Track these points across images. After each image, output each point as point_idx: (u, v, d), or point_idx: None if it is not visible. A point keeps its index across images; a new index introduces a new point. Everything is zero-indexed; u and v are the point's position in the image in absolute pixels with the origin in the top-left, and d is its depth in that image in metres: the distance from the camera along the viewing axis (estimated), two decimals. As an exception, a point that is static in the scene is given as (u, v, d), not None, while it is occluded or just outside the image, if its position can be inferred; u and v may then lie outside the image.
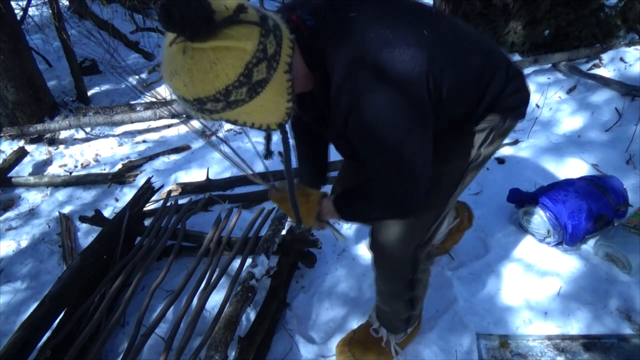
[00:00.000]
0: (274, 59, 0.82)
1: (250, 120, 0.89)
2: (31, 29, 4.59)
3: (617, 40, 3.37)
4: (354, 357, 1.47)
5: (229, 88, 0.79)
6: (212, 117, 0.86)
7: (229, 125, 3.35)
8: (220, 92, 0.79)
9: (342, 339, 1.54)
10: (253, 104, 0.84)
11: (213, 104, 0.82)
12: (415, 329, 1.54)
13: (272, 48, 0.81)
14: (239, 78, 0.79)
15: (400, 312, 1.38)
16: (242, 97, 0.82)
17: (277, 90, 0.86)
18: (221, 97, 0.80)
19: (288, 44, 0.85)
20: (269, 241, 1.71)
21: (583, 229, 1.73)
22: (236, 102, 0.82)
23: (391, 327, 1.45)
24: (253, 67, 0.79)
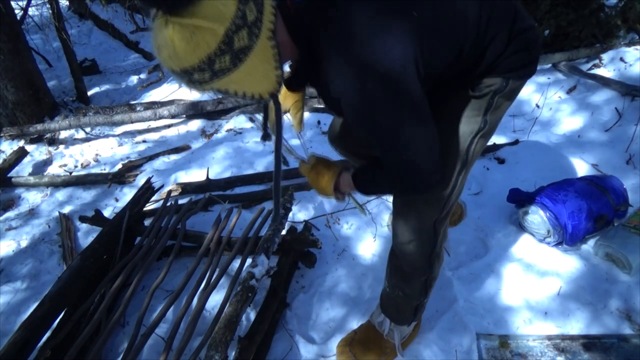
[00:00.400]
0: (255, 25, 0.82)
1: (240, 89, 0.89)
2: (31, 29, 4.60)
3: (617, 40, 3.37)
4: (355, 357, 1.47)
5: (212, 57, 0.80)
6: (204, 87, 0.87)
7: (229, 125, 3.35)
8: (204, 61, 0.80)
9: (343, 339, 1.54)
10: (239, 72, 0.84)
11: (199, 74, 0.83)
12: (415, 330, 1.54)
13: (253, 15, 0.81)
14: (219, 46, 0.79)
15: (415, 295, 1.35)
16: (226, 65, 0.82)
17: (262, 57, 0.86)
18: (205, 66, 0.81)
19: (270, 11, 0.85)
20: (269, 241, 1.71)
21: (583, 229, 1.73)
22: (221, 70, 0.83)
23: (399, 317, 1.43)
24: (233, 34, 0.79)
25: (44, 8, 4.60)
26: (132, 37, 5.63)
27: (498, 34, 1.02)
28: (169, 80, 4.53)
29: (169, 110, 3.42)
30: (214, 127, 3.47)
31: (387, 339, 1.49)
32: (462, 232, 1.92)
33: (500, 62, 1.05)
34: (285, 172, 2.57)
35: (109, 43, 5.83)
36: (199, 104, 3.45)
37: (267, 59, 0.87)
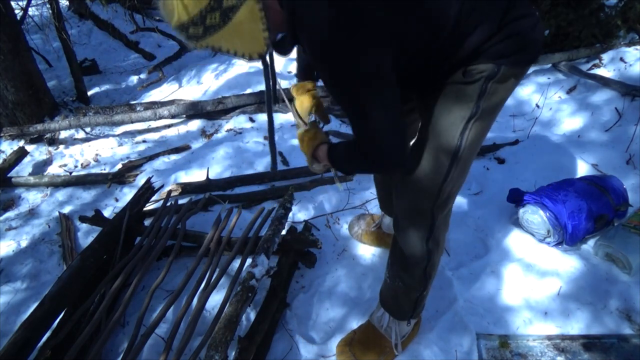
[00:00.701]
0: None
1: (232, 47, 0.99)
2: (31, 29, 4.60)
3: (617, 40, 3.37)
4: (355, 357, 1.48)
5: (203, 12, 0.90)
6: (200, 43, 0.97)
7: (229, 125, 3.35)
8: (197, 15, 0.90)
9: (343, 339, 1.55)
10: (228, 29, 0.94)
11: (194, 29, 0.93)
12: (415, 329, 1.54)
13: None
14: (210, 3, 0.89)
15: (414, 286, 1.37)
16: (216, 21, 0.92)
17: (249, 17, 0.94)
18: (198, 21, 0.91)
19: None
20: (269, 241, 1.71)
21: (583, 229, 1.73)
22: (212, 27, 0.93)
23: (397, 311, 1.44)
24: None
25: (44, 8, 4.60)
26: (132, 37, 5.63)
27: (483, 20, 1.04)
28: (169, 80, 4.53)
29: (169, 110, 3.42)
30: (214, 127, 3.47)
31: (385, 335, 1.49)
32: (462, 232, 1.92)
33: (489, 47, 1.06)
34: (285, 172, 2.57)
35: (109, 43, 5.83)
36: (199, 104, 3.45)
37: (255, 20, 0.95)
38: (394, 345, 1.49)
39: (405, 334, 1.50)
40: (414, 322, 1.51)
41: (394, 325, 1.48)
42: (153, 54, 5.45)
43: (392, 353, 1.49)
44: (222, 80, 4.08)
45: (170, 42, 5.29)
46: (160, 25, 5.68)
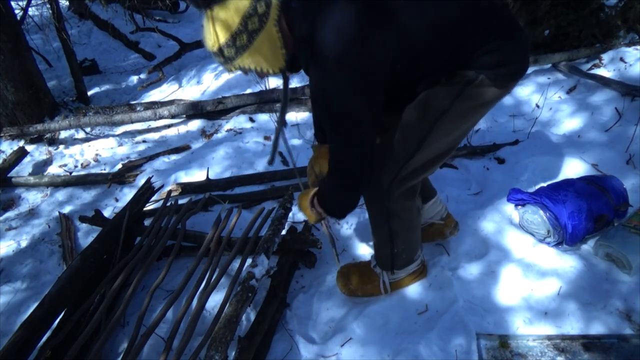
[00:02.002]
0: (264, 16, 1.19)
1: (258, 64, 1.24)
2: (31, 29, 4.59)
3: (617, 40, 3.37)
4: (349, 280, 1.72)
5: (234, 35, 1.18)
6: (233, 65, 1.24)
7: (229, 125, 3.36)
8: (229, 38, 1.18)
9: (345, 264, 1.80)
10: (254, 48, 1.20)
11: (228, 50, 1.20)
12: (408, 279, 1.69)
13: (262, 9, 1.18)
14: (238, 27, 1.17)
15: (382, 244, 1.58)
16: (244, 42, 1.19)
17: (269, 38, 1.21)
18: (230, 42, 1.19)
19: (275, 8, 1.21)
20: (269, 241, 1.71)
21: (583, 229, 1.73)
22: (242, 47, 1.20)
23: (380, 261, 1.66)
24: (247, 19, 1.17)
25: (44, 8, 4.59)
26: (132, 37, 5.62)
27: (470, 38, 1.22)
28: (169, 80, 4.53)
29: (169, 110, 3.42)
30: (214, 127, 3.47)
31: (375, 273, 1.70)
32: (462, 232, 1.92)
33: (472, 59, 1.22)
34: (285, 172, 2.57)
35: (109, 43, 5.83)
36: (199, 104, 3.45)
37: (273, 39, 1.22)
38: (381, 284, 1.68)
39: (394, 280, 1.68)
40: (406, 274, 1.67)
41: (383, 274, 1.68)
42: (153, 54, 5.45)
43: (379, 290, 1.70)
44: (222, 80, 4.08)
45: (170, 42, 5.29)
46: (160, 25, 5.68)
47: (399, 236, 1.54)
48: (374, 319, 1.63)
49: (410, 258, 1.64)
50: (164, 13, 6.53)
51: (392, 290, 1.71)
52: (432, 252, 1.90)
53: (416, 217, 1.56)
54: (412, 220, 1.55)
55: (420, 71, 1.27)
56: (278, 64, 1.26)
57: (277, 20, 1.20)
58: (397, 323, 1.62)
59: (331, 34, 1.14)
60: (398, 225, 1.51)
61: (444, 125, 1.30)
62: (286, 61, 1.26)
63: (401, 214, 1.49)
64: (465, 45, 1.22)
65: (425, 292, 1.69)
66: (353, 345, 1.56)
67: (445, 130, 1.32)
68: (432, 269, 1.76)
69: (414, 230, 1.58)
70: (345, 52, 1.14)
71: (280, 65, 1.26)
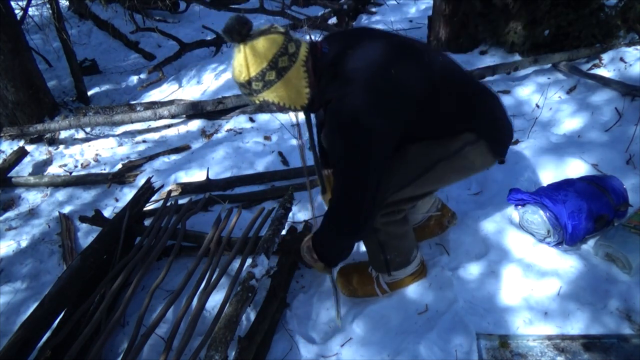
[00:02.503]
0: (294, 55, 1.28)
1: (282, 100, 1.31)
2: (31, 29, 4.59)
3: (617, 40, 3.37)
4: (348, 279, 1.73)
5: (264, 70, 1.25)
6: (258, 97, 1.31)
7: (229, 125, 3.36)
8: (259, 73, 1.26)
9: (348, 264, 1.79)
10: (281, 84, 1.28)
11: (256, 84, 1.27)
12: (408, 279, 1.69)
13: (292, 49, 1.28)
14: (269, 64, 1.25)
15: (374, 252, 1.60)
16: (272, 78, 1.26)
17: (296, 76, 1.29)
18: (260, 77, 1.26)
19: (305, 50, 1.31)
20: (269, 241, 1.71)
21: (583, 229, 1.73)
22: (269, 82, 1.27)
23: (374, 265, 1.67)
24: (278, 57, 1.25)
25: (44, 8, 4.60)
26: (132, 37, 5.62)
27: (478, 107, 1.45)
28: (169, 80, 4.53)
29: (169, 110, 3.42)
30: (214, 127, 3.47)
31: (372, 276, 1.71)
32: (462, 232, 1.92)
33: (477, 126, 1.43)
34: (285, 172, 2.57)
35: (109, 43, 5.83)
36: (199, 104, 3.45)
37: (300, 78, 1.30)
38: (376, 287, 1.69)
39: (393, 280, 1.68)
40: (405, 274, 1.67)
41: (380, 277, 1.69)
42: (153, 54, 5.45)
43: (374, 291, 1.70)
44: (222, 80, 4.08)
45: (170, 42, 5.29)
46: (160, 25, 5.68)
47: (388, 245, 1.56)
48: (374, 319, 1.63)
49: (406, 260, 1.64)
50: (164, 13, 6.52)
51: (392, 291, 1.71)
52: (432, 252, 1.90)
53: (403, 226, 1.56)
54: (399, 231, 1.55)
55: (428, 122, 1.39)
56: (301, 101, 1.34)
57: (305, 61, 1.29)
58: (397, 323, 1.62)
59: (361, 62, 1.27)
60: (386, 237, 1.53)
61: (437, 173, 1.43)
62: (309, 100, 1.34)
63: (386, 228, 1.51)
64: (474, 111, 1.42)
65: (425, 292, 1.69)
66: (353, 345, 1.56)
67: (436, 177, 1.45)
68: (432, 269, 1.76)
69: (404, 238, 1.59)
70: (375, 79, 1.25)
71: (303, 103, 1.34)
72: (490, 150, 1.46)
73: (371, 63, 1.27)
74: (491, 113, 1.47)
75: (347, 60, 1.28)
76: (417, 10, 5.39)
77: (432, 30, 4.08)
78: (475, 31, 3.87)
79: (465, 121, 1.41)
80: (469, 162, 1.45)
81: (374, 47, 1.31)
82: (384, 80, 1.25)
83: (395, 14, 5.30)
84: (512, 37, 3.57)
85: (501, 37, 3.67)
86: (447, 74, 1.39)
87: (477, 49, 3.97)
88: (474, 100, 1.44)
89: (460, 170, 1.50)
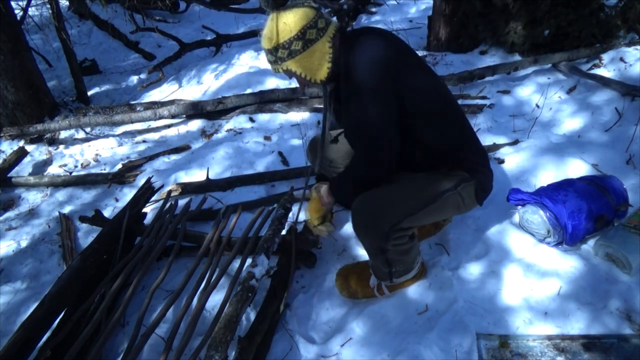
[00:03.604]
0: (322, 30, 1.37)
1: (303, 70, 1.40)
2: (31, 29, 4.59)
3: (617, 40, 3.37)
4: (347, 281, 1.74)
5: (291, 39, 1.34)
6: (282, 66, 1.39)
7: (229, 125, 3.35)
8: (287, 41, 1.34)
9: (347, 264, 1.82)
10: (305, 55, 1.36)
11: (282, 51, 1.36)
12: (411, 281, 1.69)
13: (322, 24, 1.37)
14: (297, 34, 1.34)
15: (380, 267, 1.59)
16: (298, 48, 1.35)
17: (321, 50, 1.38)
18: (287, 44, 1.35)
19: (333, 27, 1.40)
20: (269, 241, 1.71)
21: (583, 229, 1.73)
22: (295, 51, 1.36)
23: (377, 275, 1.67)
24: (307, 29, 1.34)
25: (44, 8, 4.59)
26: (132, 37, 5.62)
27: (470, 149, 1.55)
28: (169, 80, 4.53)
29: (169, 110, 3.42)
30: (214, 127, 3.47)
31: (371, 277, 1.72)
32: (462, 232, 1.92)
33: (468, 167, 1.52)
34: (285, 172, 2.57)
35: (109, 43, 5.83)
36: (199, 104, 3.45)
37: (324, 53, 1.39)
38: (375, 291, 1.70)
39: (393, 284, 1.67)
40: (406, 279, 1.67)
41: (381, 283, 1.69)
42: (153, 54, 5.45)
43: (371, 292, 1.71)
44: (222, 80, 4.08)
45: (170, 42, 5.29)
46: (160, 25, 5.68)
47: (395, 261, 1.56)
48: (374, 319, 1.63)
49: (410, 268, 1.65)
50: (164, 13, 6.52)
51: (391, 292, 1.71)
52: (432, 252, 1.90)
53: (410, 243, 1.56)
54: (406, 247, 1.55)
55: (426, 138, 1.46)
56: (321, 75, 1.41)
57: (332, 37, 1.38)
58: (397, 323, 1.62)
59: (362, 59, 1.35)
60: (393, 255, 1.54)
61: (445, 200, 1.48)
62: (329, 74, 1.41)
63: (395, 249, 1.52)
64: (468, 142, 1.53)
65: (425, 292, 1.69)
66: (353, 345, 1.56)
67: (440, 208, 1.49)
68: (432, 269, 1.76)
69: (410, 252, 1.59)
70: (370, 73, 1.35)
71: (323, 77, 1.42)
72: (476, 194, 1.54)
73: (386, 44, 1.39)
74: (481, 157, 1.57)
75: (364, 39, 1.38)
76: (417, 10, 5.39)
77: (432, 30, 4.08)
78: (475, 31, 3.87)
79: (459, 151, 1.50)
80: (461, 200, 1.52)
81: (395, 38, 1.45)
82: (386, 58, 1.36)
83: (395, 14, 5.31)
84: (512, 37, 3.57)
85: (501, 37, 3.67)
86: (453, 102, 1.55)
87: (477, 49, 3.97)
88: (468, 138, 1.55)
89: (454, 207, 1.54)
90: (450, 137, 1.50)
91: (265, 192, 2.51)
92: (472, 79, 3.30)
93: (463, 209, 1.58)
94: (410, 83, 1.39)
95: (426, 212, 1.48)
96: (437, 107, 1.47)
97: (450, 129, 1.50)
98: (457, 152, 1.51)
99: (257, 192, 2.48)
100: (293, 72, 1.40)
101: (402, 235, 1.48)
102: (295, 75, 1.42)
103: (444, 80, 3.24)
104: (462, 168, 1.51)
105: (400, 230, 1.46)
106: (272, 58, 1.39)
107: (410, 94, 1.39)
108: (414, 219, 1.47)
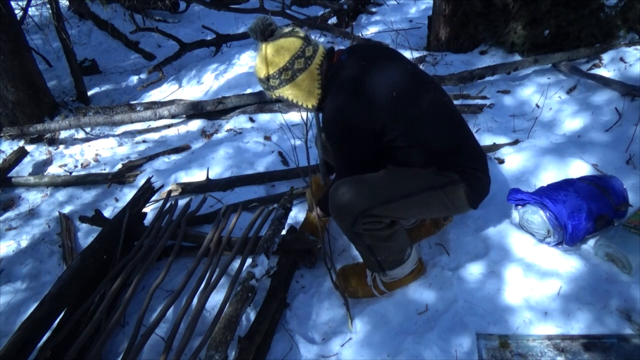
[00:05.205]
0: (310, 59, 1.44)
1: (295, 97, 1.48)
2: (31, 29, 4.59)
3: (617, 40, 3.37)
4: (348, 281, 1.75)
5: (281, 69, 1.42)
6: (275, 92, 1.48)
7: (229, 125, 3.36)
8: (276, 72, 1.43)
9: (347, 264, 1.85)
10: (295, 83, 1.44)
11: (273, 81, 1.44)
12: (407, 278, 1.70)
13: (309, 53, 1.44)
14: (286, 65, 1.41)
15: (365, 254, 1.62)
16: (288, 77, 1.43)
17: (310, 78, 1.45)
18: (277, 75, 1.43)
19: (321, 54, 1.47)
20: (269, 241, 1.71)
21: (583, 229, 1.73)
22: (285, 80, 1.44)
23: (368, 266, 1.68)
24: (295, 59, 1.41)
25: (44, 8, 4.59)
26: (132, 37, 5.62)
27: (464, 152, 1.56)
28: (169, 80, 4.53)
29: (169, 110, 3.42)
30: (214, 127, 3.47)
31: (367, 275, 1.73)
32: (462, 232, 1.92)
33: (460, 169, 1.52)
34: (285, 172, 2.57)
35: (109, 43, 5.83)
36: (199, 104, 3.45)
37: (313, 81, 1.46)
38: (372, 288, 1.71)
39: (392, 280, 1.68)
40: (403, 274, 1.67)
41: (376, 276, 1.70)
42: (153, 54, 5.44)
43: (370, 291, 1.72)
44: (222, 80, 4.08)
45: (170, 42, 5.29)
46: (160, 25, 5.68)
47: (377, 247, 1.57)
48: (374, 319, 1.63)
49: (400, 259, 1.63)
50: (164, 13, 6.53)
51: (391, 290, 1.71)
52: (432, 252, 1.90)
53: (388, 230, 1.55)
54: (384, 234, 1.54)
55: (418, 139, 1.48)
56: (312, 101, 1.49)
57: (319, 65, 1.44)
58: (397, 323, 1.62)
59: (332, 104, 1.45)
60: (372, 241, 1.54)
61: (422, 200, 1.49)
62: (319, 100, 1.49)
63: (370, 234, 1.52)
64: (461, 151, 1.53)
65: (425, 292, 1.69)
66: (353, 345, 1.56)
67: (420, 203, 1.51)
68: (432, 269, 1.76)
69: (391, 239, 1.57)
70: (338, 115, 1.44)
71: (314, 102, 1.49)
72: (467, 196, 1.53)
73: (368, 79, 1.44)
74: (477, 162, 1.56)
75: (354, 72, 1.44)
76: (417, 10, 5.39)
77: (432, 30, 4.08)
78: (475, 31, 3.88)
79: (452, 155, 1.51)
80: (447, 201, 1.52)
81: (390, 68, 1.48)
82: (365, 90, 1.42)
83: (395, 14, 5.31)
84: (512, 37, 3.57)
85: (501, 37, 3.67)
86: (446, 108, 1.54)
87: (477, 49, 3.97)
88: (464, 142, 1.55)
89: (440, 206, 1.54)
90: (441, 142, 1.51)
91: (265, 192, 2.51)
92: (472, 79, 3.30)
93: (453, 209, 1.58)
94: (390, 117, 1.42)
95: (404, 205, 1.49)
96: (422, 120, 1.48)
97: (440, 135, 1.51)
98: (449, 156, 1.51)
99: (257, 192, 2.48)
100: (286, 98, 1.48)
101: (374, 221, 1.49)
102: (288, 101, 1.49)
103: (440, 81, 3.24)
104: (454, 170, 1.51)
105: (372, 217, 1.48)
106: (265, 86, 1.48)
107: (391, 124, 1.43)
108: (389, 209, 1.48)
